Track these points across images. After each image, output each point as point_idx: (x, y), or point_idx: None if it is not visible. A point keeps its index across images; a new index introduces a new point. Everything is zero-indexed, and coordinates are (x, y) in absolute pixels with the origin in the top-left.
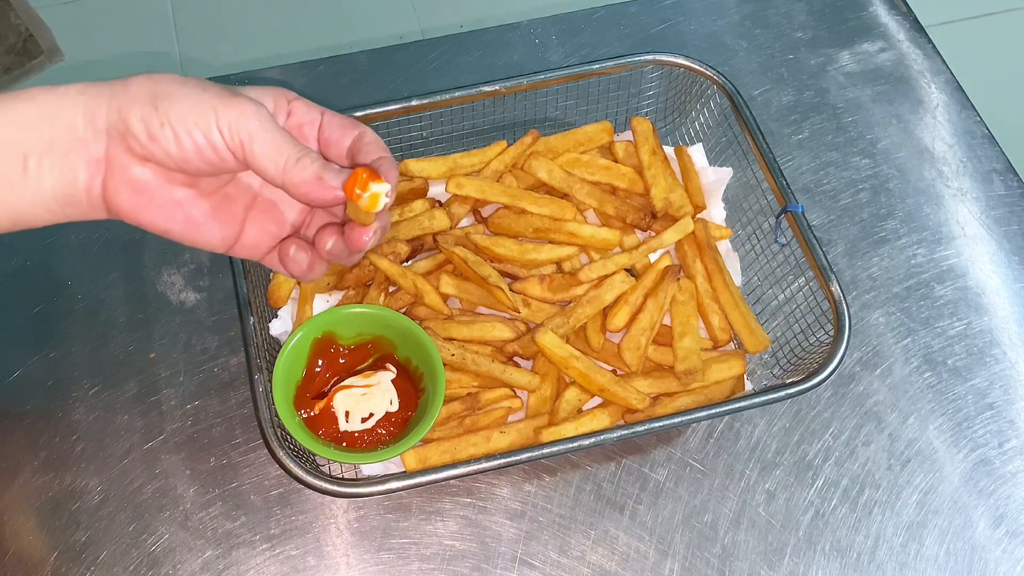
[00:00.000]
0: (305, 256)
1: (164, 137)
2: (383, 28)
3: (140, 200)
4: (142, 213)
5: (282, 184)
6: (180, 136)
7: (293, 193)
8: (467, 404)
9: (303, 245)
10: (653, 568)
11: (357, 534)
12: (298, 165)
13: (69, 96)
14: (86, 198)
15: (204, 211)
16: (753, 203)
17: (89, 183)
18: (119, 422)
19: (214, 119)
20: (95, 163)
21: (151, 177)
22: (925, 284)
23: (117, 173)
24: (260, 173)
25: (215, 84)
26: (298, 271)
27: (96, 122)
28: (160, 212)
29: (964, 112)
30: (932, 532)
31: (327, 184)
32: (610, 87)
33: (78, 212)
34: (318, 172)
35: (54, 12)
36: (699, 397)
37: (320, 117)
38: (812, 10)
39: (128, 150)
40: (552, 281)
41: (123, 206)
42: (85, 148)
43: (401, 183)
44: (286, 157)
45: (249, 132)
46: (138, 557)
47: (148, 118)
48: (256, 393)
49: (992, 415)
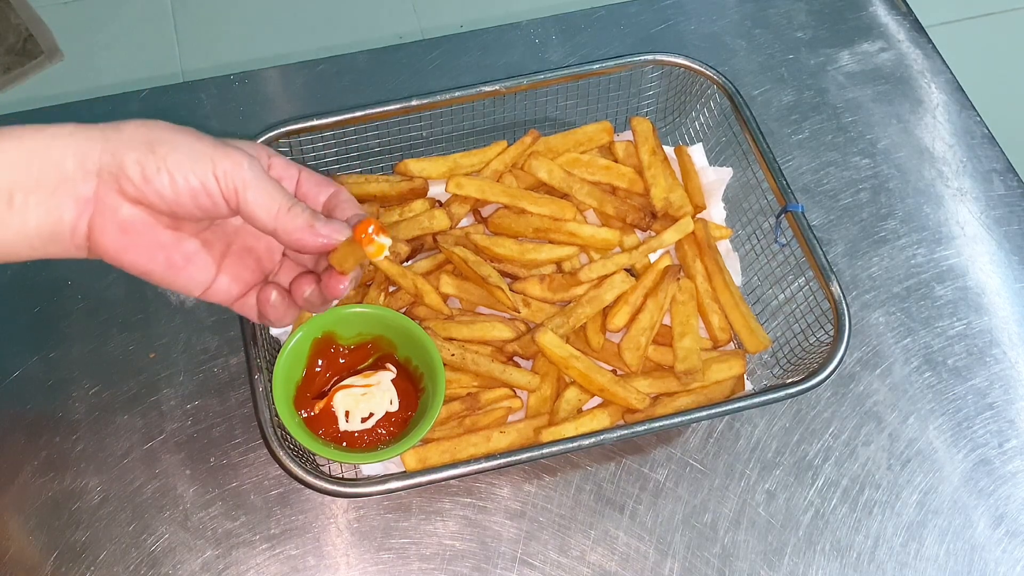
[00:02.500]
0: (283, 302)
1: (160, 180)
2: (383, 28)
3: (126, 241)
4: (126, 253)
5: (273, 230)
6: (176, 180)
7: (284, 240)
8: (467, 404)
9: (283, 291)
10: (653, 568)
11: (357, 534)
12: (290, 213)
13: (59, 137)
14: (70, 237)
15: (185, 255)
16: (753, 203)
17: (75, 222)
18: (119, 422)
19: (211, 167)
20: (83, 202)
21: (139, 219)
22: (925, 284)
23: (106, 213)
24: (252, 220)
25: (207, 135)
26: (275, 316)
27: (87, 163)
28: (144, 253)
29: (964, 112)
30: (932, 532)
31: (318, 231)
32: (610, 87)
33: (60, 250)
34: (309, 220)
35: (54, 12)
36: (699, 397)
37: (298, 174)
38: (812, 10)
39: (120, 191)
40: (552, 281)
41: (108, 246)
42: (73, 188)
43: (401, 183)
44: (278, 205)
45: (243, 180)
46: (138, 557)
47: (144, 161)
48: (256, 393)
49: (992, 415)
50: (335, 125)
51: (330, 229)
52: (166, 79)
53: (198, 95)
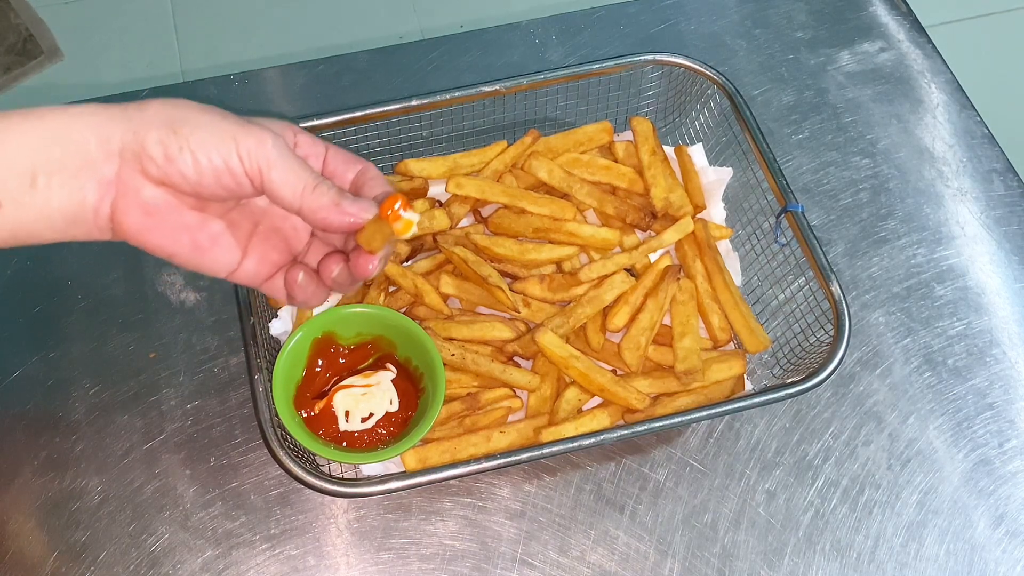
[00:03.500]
0: (311, 283)
1: (183, 160)
2: (383, 28)
3: (149, 222)
4: (150, 236)
5: (299, 209)
6: (199, 160)
7: (310, 219)
8: (467, 404)
9: (311, 272)
10: (653, 568)
11: (357, 534)
12: (316, 192)
13: (81, 117)
14: (93, 218)
15: (211, 236)
16: (753, 203)
17: (98, 204)
18: (119, 422)
19: (234, 146)
20: (106, 184)
21: (162, 200)
22: (925, 284)
23: (128, 194)
24: (277, 199)
25: (231, 113)
26: (303, 297)
27: (110, 144)
28: (168, 235)
29: (964, 112)
30: (932, 532)
31: (345, 210)
32: (610, 87)
33: (82, 232)
34: (335, 199)
35: (54, 12)
36: (699, 397)
37: (325, 151)
38: (812, 10)
39: (142, 172)
40: (552, 281)
41: (131, 228)
42: (96, 169)
43: (401, 183)
44: (303, 184)
45: (268, 159)
46: (138, 557)
47: (167, 141)
48: (256, 393)
49: (992, 415)
50: (335, 125)
51: (357, 207)
52: (166, 79)
53: (198, 95)
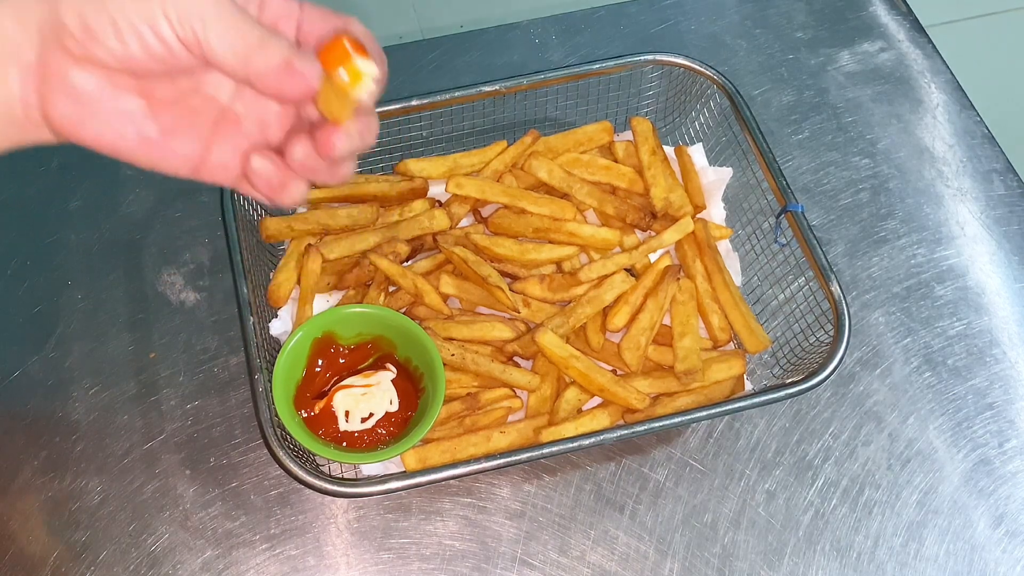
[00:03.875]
0: (271, 167)
1: (102, 30)
2: (383, 28)
3: (82, 112)
4: (85, 128)
5: (245, 76)
6: (120, 27)
7: (260, 87)
8: (467, 404)
9: (268, 154)
10: (653, 568)
11: (357, 534)
12: (263, 50)
13: None
14: (23, 112)
15: (162, 126)
16: (753, 203)
17: (24, 95)
18: (119, 422)
19: (159, 6)
20: (29, 70)
21: (94, 83)
22: (925, 284)
23: (53, 80)
24: (220, 66)
25: None
26: (266, 188)
27: (27, 23)
28: (107, 126)
29: (964, 112)
30: (932, 532)
31: (297, 70)
32: (610, 87)
33: (17, 132)
34: (286, 56)
35: None
36: (699, 397)
37: (299, 11)
38: (812, 10)
39: (64, 51)
40: (552, 281)
41: (64, 120)
42: (17, 54)
43: (401, 183)
44: (247, 42)
45: (202, 19)
46: (138, 557)
47: (83, 9)
48: (256, 393)
49: (992, 415)
50: None
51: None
52: None
53: None
